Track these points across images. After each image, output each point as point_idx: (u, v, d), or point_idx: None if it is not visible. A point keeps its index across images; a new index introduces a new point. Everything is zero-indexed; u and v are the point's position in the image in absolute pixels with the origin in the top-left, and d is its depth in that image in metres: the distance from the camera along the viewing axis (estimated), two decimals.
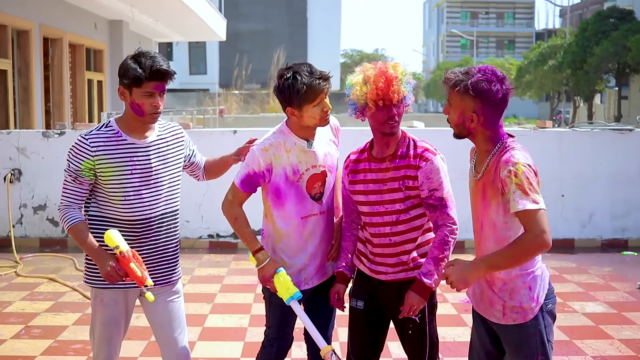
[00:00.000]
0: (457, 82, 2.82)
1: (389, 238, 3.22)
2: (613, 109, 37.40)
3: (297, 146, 3.26)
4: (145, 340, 5.06)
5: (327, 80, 3.18)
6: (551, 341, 2.89)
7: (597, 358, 4.80)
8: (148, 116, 3.10)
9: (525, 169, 2.69)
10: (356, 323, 3.39)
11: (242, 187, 3.30)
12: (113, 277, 3.03)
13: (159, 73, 3.05)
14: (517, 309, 2.84)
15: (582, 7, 61.21)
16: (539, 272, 2.86)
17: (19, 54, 12.73)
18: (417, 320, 3.22)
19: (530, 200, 2.64)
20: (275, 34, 47.34)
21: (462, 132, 2.88)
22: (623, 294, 6.39)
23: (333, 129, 3.45)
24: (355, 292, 3.40)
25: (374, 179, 3.22)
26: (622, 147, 8.53)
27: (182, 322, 3.37)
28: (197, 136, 8.31)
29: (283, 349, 3.48)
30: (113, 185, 3.12)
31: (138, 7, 16.11)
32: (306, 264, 3.38)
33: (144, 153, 3.16)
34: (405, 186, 3.14)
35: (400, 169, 3.16)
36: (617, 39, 32.32)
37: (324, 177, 3.34)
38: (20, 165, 8.45)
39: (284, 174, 3.26)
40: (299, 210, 3.30)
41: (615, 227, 8.57)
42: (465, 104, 2.81)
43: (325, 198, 3.36)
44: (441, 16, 79.02)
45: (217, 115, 25.06)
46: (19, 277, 6.99)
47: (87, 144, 3.08)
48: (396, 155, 3.19)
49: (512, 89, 2.84)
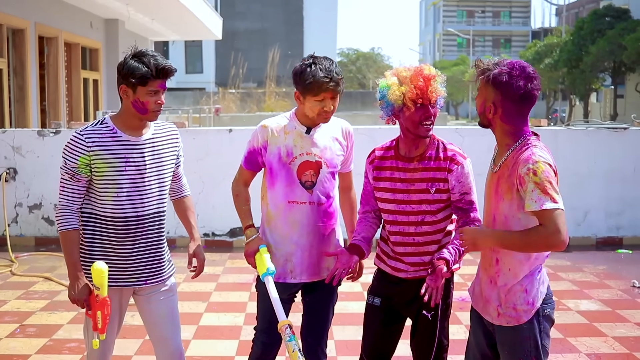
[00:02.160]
0: (484, 70, 2.83)
1: (413, 237, 3.23)
2: (609, 108, 37.46)
3: (296, 130, 3.34)
4: (140, 339, 5.06)
5: (337, 83, 3.22)
6: (546, 346, 2.88)
7: (591, 355, 4.82)
8: (151, 113, 3.13)
9: (545, 168, 2.68)
10: (371, 320, 3.38)
11: (245, 165, 3.45)
12: (77, 302, 3.11)
13: (165, 71, 3.10)
14: (511, 311, 2.83)
15: (578, 5, 61.27)
16: (537, 276, 2.85)
17: (15, 52, 12.72)
18: (429, 317, 3.23)
19: (549, 199, 2.63)
20: (271, 33, 47.32)
21: (483, 121, 2.89)
22: (617, 292, 6.41)
23: (344, 132, 3.46)
24: (374, 288, 3.39)
25: (402, 178, 3.22)
26: (617, 146, 8.55)
27: (175, 320, 3.37)
28: (192, 135, 8.32)
29: (269, 343, 3.47)
30: (107, 181, 3.13)
31: (134, 6, 16.09)
32: (291, 254, 3.39)
33: (138, 150, 3.17)
34: (435, 189, 3.16)
35: (429, 171, 3.18)
36: (612, 38, 32.37)
37: (318, 167, 3.35)
38: (15, 164, 8.44)
39: (278, 153, 3.34)
40: (287, 194, 3.34)
41: (610, 225, 8.60)
42: (487, 93, 2.82)
43: (317, 190, 3.36)
44: (437, 15, 79.05)
45: (213, 114, 25.03)
46: (14, 276, 6.99)
47: (82, 139, 3.09)
48: (425, 157, 3.20)
49: (538, 88, 2.82)
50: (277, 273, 3.38)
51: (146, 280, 3.26)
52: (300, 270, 3.41)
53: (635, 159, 8.57)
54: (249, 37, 47.32)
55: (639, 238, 8.52)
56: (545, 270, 2.94)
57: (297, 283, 3.44)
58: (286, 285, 3.42)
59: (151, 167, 3.20)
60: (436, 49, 78.97)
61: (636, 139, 8.60)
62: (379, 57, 58.94)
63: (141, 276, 3.25)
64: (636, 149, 8.57)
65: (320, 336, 3.49)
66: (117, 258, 3.19)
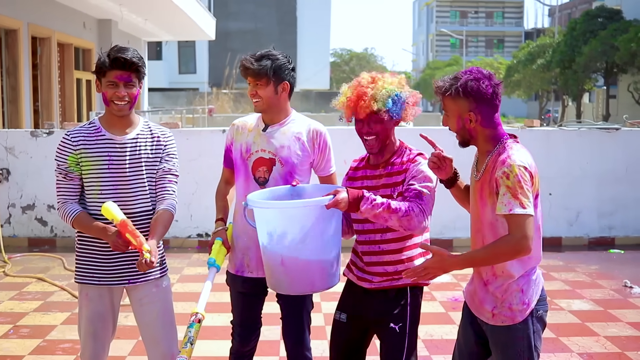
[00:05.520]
0: (447, 87, 2.85)
1: (379, 245, 3.19)
2: (601, 108, 37.58)
3: (257, 128, 3.47)
4: (133, 340, 5.06)
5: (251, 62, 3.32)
6: (538, 348, 2.89)
7: (583, 355, 4.84)
8: (112, 105, 3.15)
9: (519, 172, 2.71)
10: (336, 336, 3.34)
11: (224, 163, 3.60)
12: (119, 247, 3.09)
13: (119, 61, 3.11)
14: (506, 311, 2.85)
15: (570, 6, 61.47)
16: (534, 277, 2.88)
17: (7, 53, 12.68)
18: (397, 329, 3.17)
19: (518, 204, 2.67)
20: (265, 33, 47.25)
21: (465, 136, 2.90)
22: (609, 292, 6.44)
23: (310, 132, 3.45)
24: (341, 303, 3.36)
25: (369, 186, 3.21)
26: (609, 146, 8.60)
27: (167, 323, 3.36)
28: (186, 135, 8.31)
29: (245, 335, 3.53)
30: (92, 179, 3.19)
31: (127, 6, 16.07)
32: (247, 248, 3.45)
33: (120, 149, 3.21)
34: (397, 192, 3.13)
35: (392, 176, 3.17)
36: (605, 39, 32.47)
37: (272, 164, 3.39)
38: (8, 164, 8.43)
39: (240, 150, 3.46)
40: (244, 189, 3.43)
41: (602, 225, 8.64)
42: (460, 106, 2.84)
43: (269, 186, 3.39)
44: (431, 15, 79.15)
45: (207, 114, 25.01)
46: (8, 277, 6.98)
47: (69, 139, 3.21)
48: (389, 162, 3.19)
49: (500, 83, 2.87)
50: (236, 266, 3.50)
51: (129, 280, 3.27)
52: (256, 265, 3.43)
53: (627, 159, 8.61)
54: (242, 38, 47.23)
55: (631, 238, 8.57)
56: (541, 272, 2.95)
57: (256, 278, 3.44)
58: (245, 279, 3.49)
59: (131, 167, 3.22)
60: (429, 50, 79.06)
61: (628, 140, 8.64)
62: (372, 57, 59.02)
63: (124, 276, 3.26)
64: (628, 149, 8.62)
65: (299, 340, 3.48)
66: (102, 255, 3.23)
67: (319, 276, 3.09)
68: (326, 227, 3.03)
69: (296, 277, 3.06)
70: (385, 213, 2.96)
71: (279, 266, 3.05)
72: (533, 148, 8.47)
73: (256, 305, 3.54)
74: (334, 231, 3.08)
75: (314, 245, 3.01)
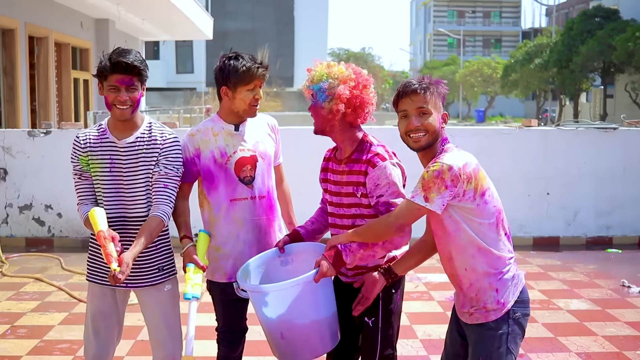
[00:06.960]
0: (427, 86, 2.88)
1: None
2: (599, 108, 37.62)
3: (224, 130, 3.39)
4: (132, 340, 5.05)
5: (266, 68, 3.32)
6: (513, 351, 2.83)
7: (581, 354, 4.85)
8: (114, 109, 3.13)
9: (440, 168, 2.71)
10: None
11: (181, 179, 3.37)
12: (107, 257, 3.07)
13: (120, 66, 3.06)
14: (481, 310, 2.84)
15: (568, 6, 61.53)
16: (508, 276, 2.84)
17: (4, 52, 12.66)
18: (370, 324, 3.17)
19: (422, 197, 2.72)
20: (262, 33, 47.27)
21: (438, 136, 2.89)
22: (607, 291, 6.45)
23: (270, 126, 3.55)
24: None
25: (334, 181, 3.21)
26: (606, 146, 8.60)
27: (170, 326, 3.34)
28: (183, 135, 8.29)
29: (235, 340, 3.50)
30: (97, 181, 3.22)
31: (124, 6, 16.05)
32: (239, 251, 3.40)
33: (121, 153, 3.21)
34: (361, 192, 3.10)
35: (353, 174, 3.13)
36: (602, 38, 32.53)
37: (254, 161, 3.39)
38: (5, 164, 8.41)
39: (212, 156, 3.36)
40: (229, 193, 3.37)
41: (600, 225, 8.64)
42: (438, 104, 2.90)
43: (257, 183, 3.39)
44: (428, 15, 79.15)
45: (204, 114, 24.99)
46: (5, 277, 6.96)
47: (78, 141, 3.25)
48: (351, 159, 3.16)
49: None
50: (228, 273, 3.40)
51: (127, 284, 3.26)
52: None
53: (624, 158, 8.62)
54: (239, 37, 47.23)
55: (628, 237, 8.58)
56: (522, 275, 2.92)
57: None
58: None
59: (128, 171, 3.21)
60: (427, 49, 79.07)
61: (626, 139, 8.65)
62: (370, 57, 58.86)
63: None
64: (626, 149, 8.62)
65: None
66: (102, 257, 3.20)
67: (320, 340, 3.14)
68: (317, 294, 3.08)
69: (299, 347, 3.12)
70: (368, 250, 3.02)
71: (279, 340, 3.11)
72: (530, 148, 8.55)
73: (244, 308, 3.51)
74: (326, 293, 3.13)
75: (309, 313, 3.07)
